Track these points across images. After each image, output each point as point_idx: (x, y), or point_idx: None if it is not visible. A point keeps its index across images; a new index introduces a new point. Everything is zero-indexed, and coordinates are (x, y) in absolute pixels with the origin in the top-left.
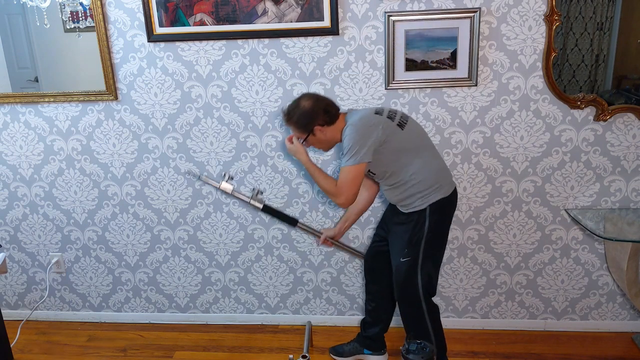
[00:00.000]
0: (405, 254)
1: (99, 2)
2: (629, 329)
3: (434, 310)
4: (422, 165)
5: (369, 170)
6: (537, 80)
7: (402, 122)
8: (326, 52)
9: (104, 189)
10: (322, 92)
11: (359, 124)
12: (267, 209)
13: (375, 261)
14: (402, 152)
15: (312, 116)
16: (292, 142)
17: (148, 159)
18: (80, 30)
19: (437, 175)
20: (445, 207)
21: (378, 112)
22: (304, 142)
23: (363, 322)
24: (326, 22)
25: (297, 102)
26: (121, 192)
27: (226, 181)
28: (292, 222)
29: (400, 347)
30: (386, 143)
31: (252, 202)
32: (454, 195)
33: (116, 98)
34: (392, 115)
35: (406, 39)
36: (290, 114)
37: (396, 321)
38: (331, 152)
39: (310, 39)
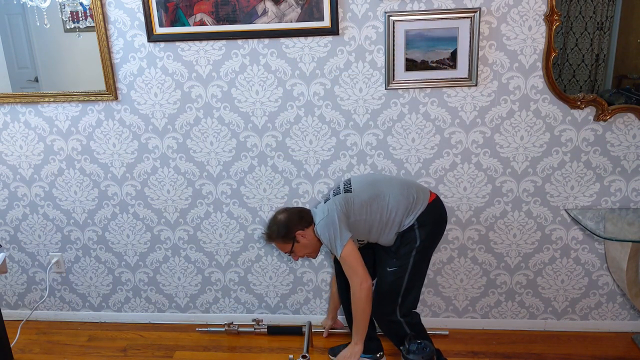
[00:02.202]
0: (394, 263)
1: (99, 2)
2: (629, 329)
3: (414, 320)
4: (387, 198)
5: (358, 241)
6: (537, 80)
7: (347, 187)
8: (326, 52)
9: (104, 189)
10: (322, 92)
11: (322, 222)
12: (273, 329)
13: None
14: (365, 205)
15: (290, 224)
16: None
17: (148, 159)
18: (80, 30)
19: (405, 193)
20: (431, 217)
21: (326, 199)
22: (291, 254)
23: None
24: (326, 22)
25: (273, 219)
26: (121, 192)
27: None
28: (296, 330)
29: (400, 347)
30: (350, 211)
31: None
32: (436, 204)
33: (116, 98)
34: (336, 191)
35: (406, 39)
36: (270, 230)
37: None
38: (331, 151)
39: (310, 39)
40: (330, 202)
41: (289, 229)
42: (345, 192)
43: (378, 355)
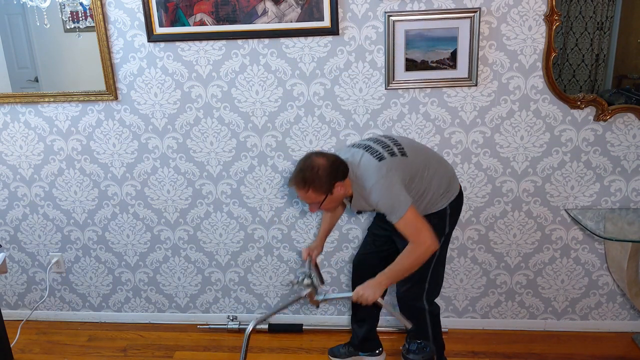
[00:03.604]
0: None
1: (99, 2)
2: (629, 329)
3: (436, 311)
4: (433, 172)
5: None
6: (537, 80)
7: (400, 149)
8: (326, 52)
9: (104, 189)
10: (322, 92)
11: (379, 185)
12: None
13: (364, 267)
14: (416, 175)
15: (332, 173)
16: (361, 292)
17: (148, 159)
18: (80, 30)
19: (448, 174)
20: (459, 203)
21: (375, 153)
22: (320, 206)
23: (352, 329)
24: (326, 22)
25: (310, 163)
26: (121, 192)
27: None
28: (297, 328)
29: (401, 347)
30: (405, 178)
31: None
32: (462, 191)
33: (116, 98)
34: (390, 151)
35: (406, 39)
36: (307, 177)
37: (397, 321)
38: (331, 151)
39: (310, 39)
40: (388, 162)
41: (331, 177)
42: (401, 156)
43: (377, 351)
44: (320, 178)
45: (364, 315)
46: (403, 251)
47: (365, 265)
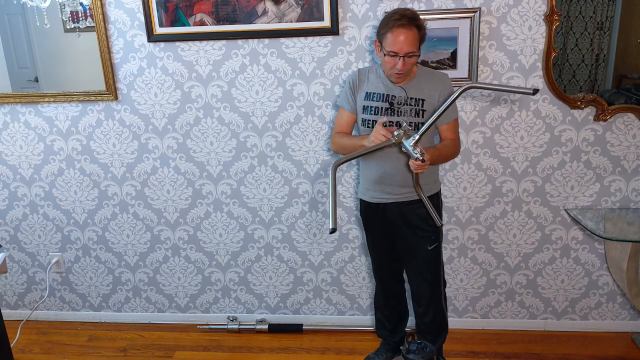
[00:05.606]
0: (433, 240)
1: (99, 2)
2: (629, 329)
3: (445, 293)
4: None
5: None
6: (537, 80)
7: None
8: (326, 52)
9: (104, 189)
10: (322, 92)
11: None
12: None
13: (392, 284)
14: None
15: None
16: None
17: (148, 159)
18: (80, 30)
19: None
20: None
21: None
22: (412, 57)
23: (390, 339)
24: (326, 22)
25: (413, 11)
26: (121, 192)
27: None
28: (297, 328)
29: (401, 347)
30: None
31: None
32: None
33: (116, 98)
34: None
35: None
36: (418, 17)
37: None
38: (331, 151)
39: (310, 39)
40: None
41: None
42: None
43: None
44: (425, 27)
45: (400, 321)
46: (447, 142)
47: (391, 275)
